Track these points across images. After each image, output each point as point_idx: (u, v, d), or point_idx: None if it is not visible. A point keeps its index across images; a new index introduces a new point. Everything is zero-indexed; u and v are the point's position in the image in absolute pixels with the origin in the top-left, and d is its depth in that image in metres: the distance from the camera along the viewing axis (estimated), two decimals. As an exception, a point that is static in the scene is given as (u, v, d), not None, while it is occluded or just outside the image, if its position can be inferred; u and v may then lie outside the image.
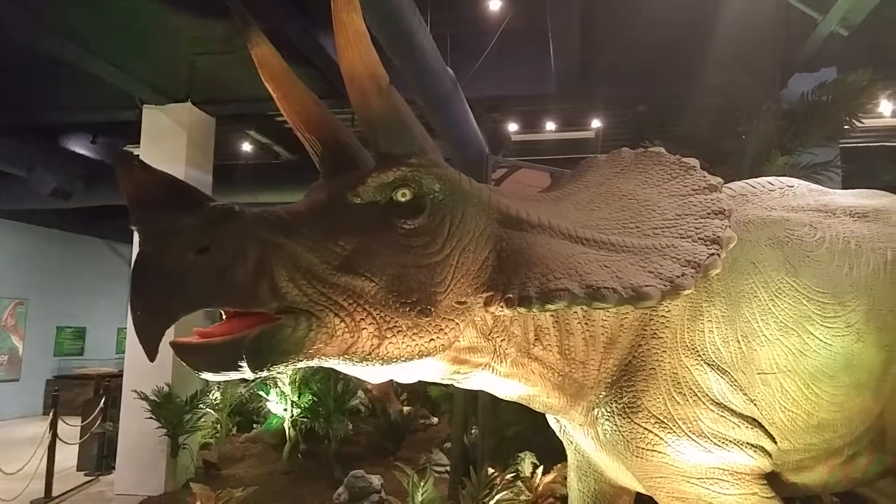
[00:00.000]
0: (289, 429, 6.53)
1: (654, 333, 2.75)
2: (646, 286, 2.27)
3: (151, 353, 1.89)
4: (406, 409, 8.05)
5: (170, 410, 6.25)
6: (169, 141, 7.83)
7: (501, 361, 2.57)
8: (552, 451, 3.50)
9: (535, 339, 2.62)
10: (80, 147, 10.96)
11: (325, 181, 2.30)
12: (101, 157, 11.03)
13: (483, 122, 8.26)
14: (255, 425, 7.21)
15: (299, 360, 2.07)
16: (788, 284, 2.82)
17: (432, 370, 2.45)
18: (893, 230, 3.08)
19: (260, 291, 1.98)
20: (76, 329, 16.90)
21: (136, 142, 8.04)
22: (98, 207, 11.77)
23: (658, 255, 2.40)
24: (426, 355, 2.28)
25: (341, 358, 2.16)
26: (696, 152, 4.47)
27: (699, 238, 2.46)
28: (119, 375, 7.49)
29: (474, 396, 5.09)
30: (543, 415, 3.22)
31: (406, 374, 2.39)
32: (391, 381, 2.46)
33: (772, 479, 2.84)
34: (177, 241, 1.90)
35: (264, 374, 2.01)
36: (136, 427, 6.66)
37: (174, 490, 6.31)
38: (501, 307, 2.30)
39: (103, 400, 8.13)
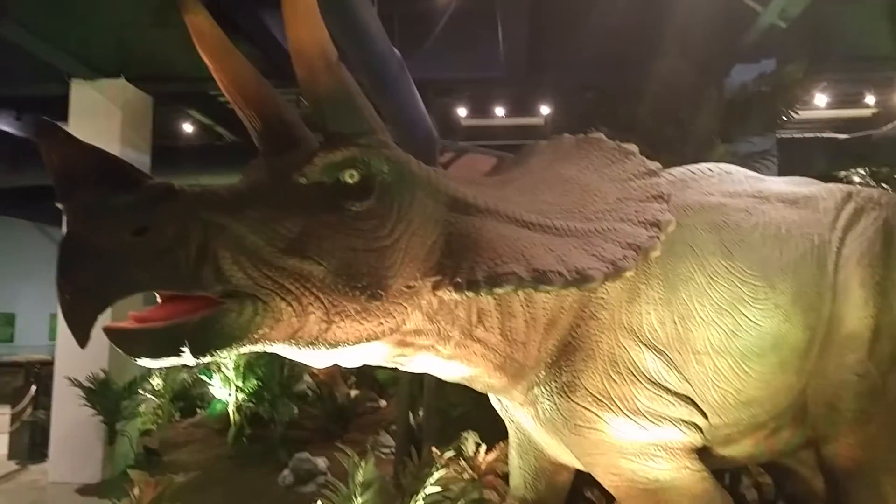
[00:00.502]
0: (233, 413, 6.46)
1: (593, 315, 2.81)
2: (589, 269, 2.32)
3: (82, 340, 1.81)
4: (353, 392, 8.04)
5: (106, 397, 6.08)
6: (101, 119, 7.43)
7: (445, 344, 2.58)
8: (497, 431, 3.54)
9: (478, 321, 2.65)
10: (3, 124, 10.44)
11: (265, 160, 2.23)
12: (26, 134, 10.52)
13: (433, 107, 8.24)
14: (198, 410, 7.10)
15: (244, 346, 2.04)
16: (724, 268, 2.92)
17: (377, 353, 2.44)
18: (820, 216, 3.21)
19: (203, 274, 1.92)
20: (5, 315, 16.28)
21: (65, 119, 7.67)
22: (26, 188, 11.23)
23: (600, 238, 2.44)
24: (374, 339, 2.27)
25: (287, 342, 2.13)
26: (640, 139, 4.57)
27: (639, 221, 2.52)
28: (51, 363, 7.25)
29: (420, 378, 5.13)
30: (488, 395, 3.27)
31: (350, 357, 2.38)
32: (338, 364, 2.44)
33: (702, 452, 2.95)
34: (111, 221, 1.81)
35: (207, 359, 1.96)
36: (70, 414, 6.46)
37: (112, 477, 6.17)
38: (449, 291, 2.31)
39: (34, 387, 7.89)
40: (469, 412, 4.67)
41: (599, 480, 2.98)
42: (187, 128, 10.54)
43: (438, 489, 2.55)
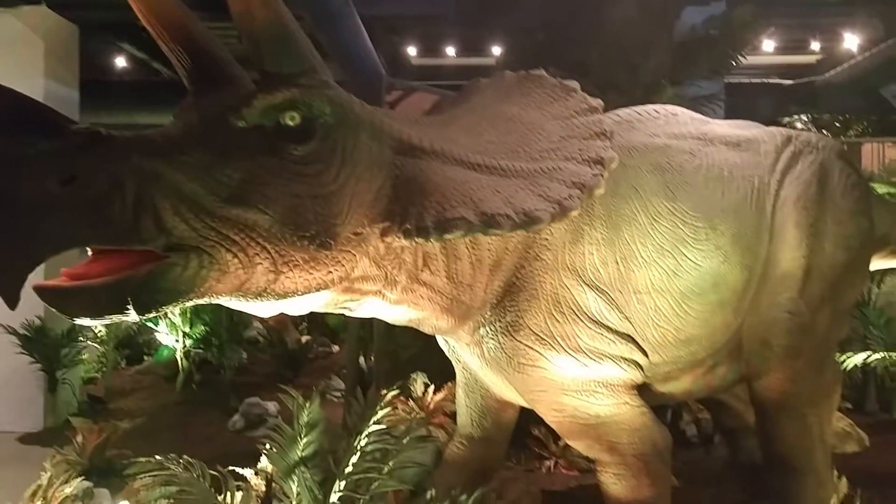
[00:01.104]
0: (181, 360, 6.39)
1: (537, 255, 2.83)
2: (536, 210, 2.30)
3: (12, 301, 1.71)
4: (304, 338, 8.04)
5: (44, 345, 5.91)
6: (22, 50, 6.77)
7: (392, 288, 2.56)
8: (446, 372, 3.59)
9: (424, 265, 2.63)
10: None
11: (197, 101, 2.10)
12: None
13: (381, 45, 8.02)
14: (145, 358, 6.99)
15: (190, 300, 1.98)
16: (667, 209, 2.96)
17: (323, 301, 2.40)
18: (761, 159, 3.27)
19: (143, 227, 1.82)
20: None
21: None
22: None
23: (545, 177, 2.42)
24: (323, 288, 2.24)
25: (235, 295, 2.08)
26: (591, 81, 4.53)
27: (583, 159, 2.50)
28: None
29: (369, 322, 5.13)
30: (437, 337, 3.29)
31: (297, 306, 2.34)
32: (288, 310, 2.41)
33: (642, 389, 3.04)
34: (34, 170, 1.68)
35: (152, 315, 1.90)
36: (6, 363, 6.26)
37: (55, 426, 6.07)
38: (398, 238, 2.27)
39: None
40: (419, 354, 4.71)
41: (542, 417, 3.05)
42: (120, 62, 9.96)
43: (382, 427, 2.57)
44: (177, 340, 6.33)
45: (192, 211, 1.91)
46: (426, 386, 4.54)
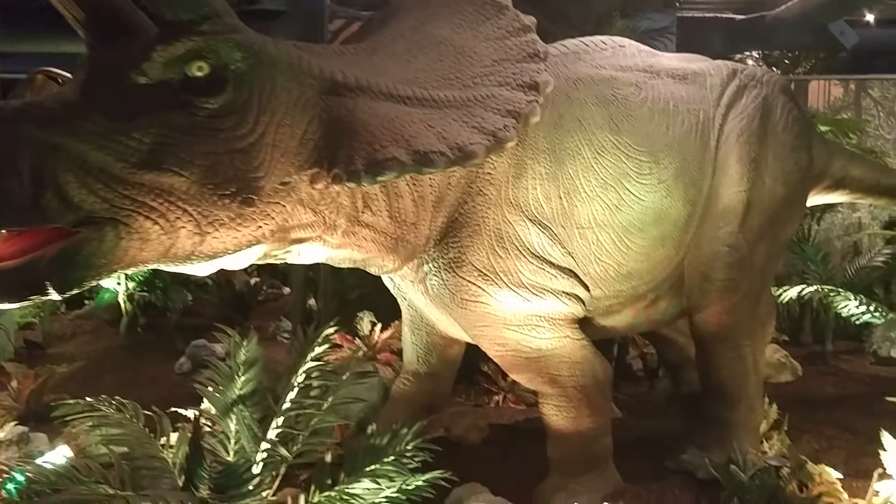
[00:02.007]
0: (124, 303, 6.21)
1: (480, 190, 2.79)
2: (471, 144, 2.23)
3: None
4: (254, 279, 7.90)
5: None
6: None
7: (332, 233, 2.50)
8: (394, 311, 3.57)
9: (364, 206, 2.55)
10: None
11: (94, 55, 1.93)
12: None
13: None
14: (86, 302, 6.78)
15: (114, 271, 1.90)
16: (611, 143, 2.93)
17: (258, 253, 2.32)
18: (707, 93, 3.25)
19: (47, 205, 1.72)
20: None
21: None
22: None
23: (480, 107, 2.34)
24: (255, 243, 2.16)
25: (162, 260, 2.00)
26: (541, 13, 4.40)
27: (518, 85, 2.42)
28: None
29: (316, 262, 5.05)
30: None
31: (233, 262, 2.26)
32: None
33: (584, 323, 3.08)
34: None
35: (75, 291, 1.83)
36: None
37: (-12, 372, 5.90)
38: (328, 183, 2.18)
39: None
40: (367, 294, 4.66)
41: (486, 351, 3.07)
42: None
43: (320, 363, 2.55)
44: (118, 283, 6.15)
45: (100, 181, 1.81)
46: (373, 324, 4.52)
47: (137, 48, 1.89)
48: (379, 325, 4.51)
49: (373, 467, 2.33)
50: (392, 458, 2.37)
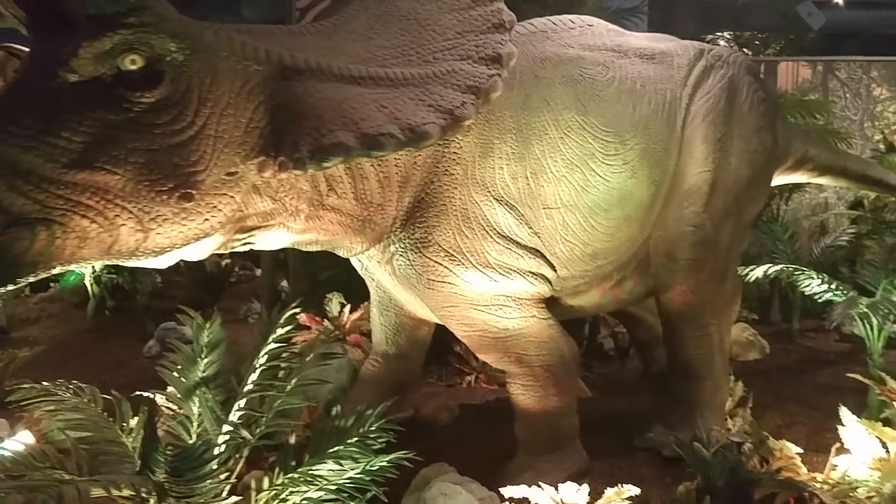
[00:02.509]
0: (91, 285, 6.11)
1: (446, 170, 2.77)
2: (424, 124, 2.18)
3: None
4: (225, 261, 7.82)
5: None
6: None
7: (295, 219, 2.47)
8: (365, 292, 3.55)
9: (329, 189, 2.53)
10: None
11: (33, 49, 1.91)
12: None
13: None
14: (52, 285, 6.65)
15: (51, 269, 1.88)
16: (577, 123, 2.92)
17: (214, 244, 2.29)
18: (674, 73, 3.25)
19: None
20: None
21: None
22: None
23: (439, 83, 2.29)
24: (204, 235, 2.13)
25: (106, 257, 1.98)
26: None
27: (480, 58, 2.36)
28: None
29: (286, 242, 5.00)
30: (350, 256, 3.22)
31: (188, 254, 2.24)
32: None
33: (551, 303, 3.09)
34: None
35: (12, 287, 1.83)
36: None
37: (-54, 358, 5.77)
38: (276, 172, 2.14)
39: None
40: (337, 275, 4.64)
41: (454, 332, 3.07)
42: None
43: (282, 345, 2.53)
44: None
45: (30, 183, 1.79)
46: (342, 306, 4.50)
47: (66, 48, 1.83)
48: (348, 307, 4.50)
49: (336, 448, 2.33)
50: (356, 439, 2.36)
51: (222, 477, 2.23)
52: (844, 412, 3.15)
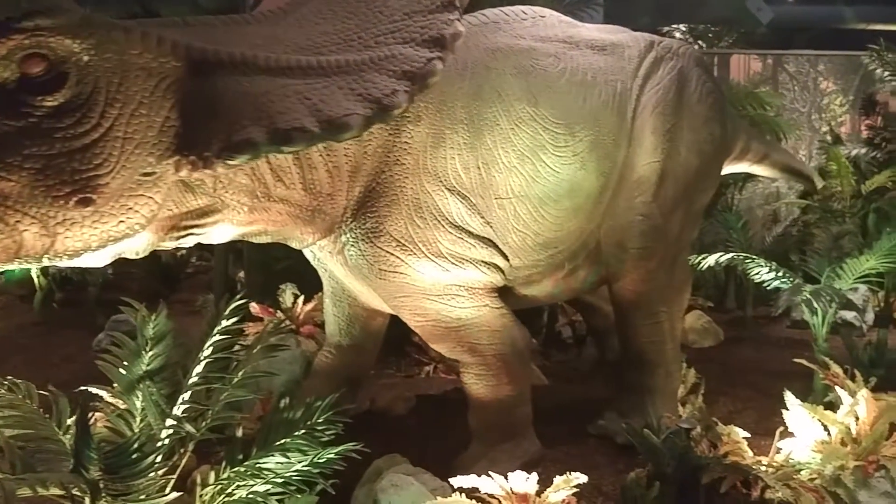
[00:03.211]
0: (38, 277, 5.94)
1: (397, 160, 2.75)
2: (345, 116, 2.10)
3: None
4: (181, 252, 7.67)
5: None
6: None
7: (236, 213, 2.44)
8: (321, 283, 3.50)
9: (277, 180, 2.49)
10: None
11: None
12: None
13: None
14: (-3, 277, 6.46)
15: None
16: (528, 114, 2.93)
17: (143, 242, 2.25)
18: (625, 64, 3.27)
19: None
20: None
21: None
22: None
23: (375, 70, 2.21)
24: (123, 237, 2.08)
25: (18, 262, 1.94)
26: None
27: (423, 40, 2.28)
28: None
29: (240, 233, 4.92)
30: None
31: (122, 251, 2.20)
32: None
33: (504, 293, 3.10)
34: None
35: None
36: None
37: None
38: (190, 171, 2.09)
39: None
40: (293, 265, 4.58)
41: (407, 322, 3.06)
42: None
43: (228, 336, 2.49)
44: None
45: None
46: (295, 297, 4.46)
47: None
48: (301, 298, 4.45)
49: (283, 441, 2.30)
50: (303, 431, 2.33)
51: (162, 472, 2.18)
52: (789, 397, 3.24)
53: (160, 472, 2.19)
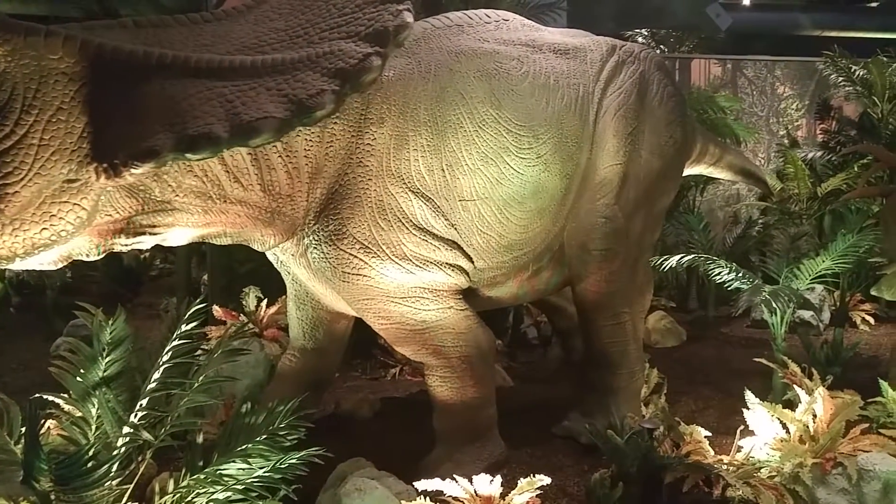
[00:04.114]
0: (-6, 281, 5.79)
1: (360, 161, 2.74)
2: (258, 120, 2.02)
3: None
4: (144, 255, 7.53)
5: None
6: None
7: (191, 215, 2.41)
8: (284, 286, 3.46)
9: (233, 181, 2.46)
10: None
11: None
12: None
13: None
14: (-49, 282, 6.25)
15: None
16: (492, 117, 2.94)
17: (82, 247, 2.24)
18: (587, 68, 3.30)
19: None
20: None
21: None
22: None
23: (310, 68, 2.13)
24: (51, 243, 2.06)
25: None
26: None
27: (366, 34, 2.19)
28: None
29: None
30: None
31: (77, 252, 2.20)
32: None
33: (469, 294, 3.10)
34: None
35: None
36: None
37: None
38: (104, 179, 2.06)
39: None
40: (256, 268, 4.54)
41: (371, 325, 3.04)
42: None
43: (187, 341, 2.44)
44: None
45: None
46: (259, 300, 4.41)
47: None
48: (265, 301, 4.41)
49: (245, 446, 2.27)
50: (265, 436, 2.30)
51: (118, 482, 2.13)
52: (749, 396, 3.29)
53: (116, 482, 2.14)
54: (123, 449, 2.22)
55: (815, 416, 3.12)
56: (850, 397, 3.26)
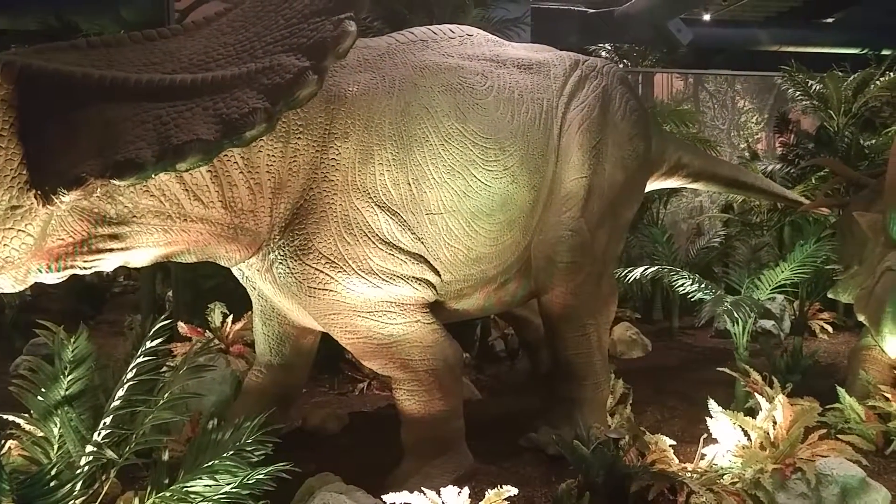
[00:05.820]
0: (-49, 299, 5.64)
1: (325, 176, 2.75)
2: (185, 143, 1.97)
3: None
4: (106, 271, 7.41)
5: None
6: None
7: (151, 235, 2.40)
8: (250, 301, 3.44)
9: (193, 199, 2.46)
10: None
11: None
12: None
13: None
14: None
15: None
16: (457, 130, 2.97)
17: (34, 271, 2.23)
18: (551, 83, 3.36)
19: None
20: None
21: None
22: None
23: (248, 84, 2.06)
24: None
25: None
26: (398, 1, 4.35)
27: (307, 46, 2.11)
28: None
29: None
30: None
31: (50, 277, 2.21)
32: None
33: (436, 307, 3.12)
34: None
35: None
36: None
37: None
38: (42, 204, 2.05)
39: None
40: (222, 284, 4.49)
41: (338, 340, 3.04)
42: None
43: (152, 358, 2.42)
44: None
45: None
46: (225, 316, 4.37)
47: None
48: (231, 317, 4.37)
49: (211, 463, 2.24)
50: (232, 452, 2.28)
51: (81, 501, 2.10)
52: (712, 404, 3.35)
53: (79, 501, 2.10)
54: (87, 468, 2.18)
55: (775, 422, 3.19)
56: (809, 404, 3.34)
